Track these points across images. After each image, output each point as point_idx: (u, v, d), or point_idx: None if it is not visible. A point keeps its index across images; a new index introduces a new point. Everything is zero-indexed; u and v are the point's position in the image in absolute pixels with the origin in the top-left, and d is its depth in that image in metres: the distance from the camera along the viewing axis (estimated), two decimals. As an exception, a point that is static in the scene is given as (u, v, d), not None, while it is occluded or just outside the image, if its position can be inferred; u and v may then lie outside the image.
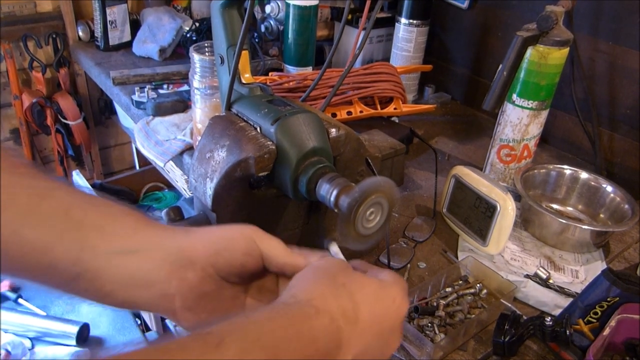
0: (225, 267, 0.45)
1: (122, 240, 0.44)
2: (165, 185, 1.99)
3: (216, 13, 0.70)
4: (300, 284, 0.41)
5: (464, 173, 0.87)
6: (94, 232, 0.43)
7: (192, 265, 0.44)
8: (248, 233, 0.46)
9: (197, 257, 0.45)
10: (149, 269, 0.44)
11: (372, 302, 0.41)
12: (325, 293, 0.39)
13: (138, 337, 1.05)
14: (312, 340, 0.35)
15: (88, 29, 1.56)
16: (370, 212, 0.55)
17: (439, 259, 0.86)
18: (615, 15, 1.06)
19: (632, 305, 0.65)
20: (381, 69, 1.15)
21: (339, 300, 0.39)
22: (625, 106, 1.09)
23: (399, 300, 0.43)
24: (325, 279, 0.41)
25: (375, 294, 0.41)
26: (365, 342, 0.39)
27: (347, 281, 0.41)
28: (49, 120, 1.64)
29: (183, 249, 0.45)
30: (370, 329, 0.40)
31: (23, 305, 1.07)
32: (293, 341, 0.34)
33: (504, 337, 0.66)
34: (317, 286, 0.40)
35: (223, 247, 0.45)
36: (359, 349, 0.39)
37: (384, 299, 0.42)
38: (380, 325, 0.41)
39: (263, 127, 0.63)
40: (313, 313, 0.37)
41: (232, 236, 0.46)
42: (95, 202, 0.45)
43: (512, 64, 0.84)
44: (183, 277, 0.44)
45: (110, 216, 0.44)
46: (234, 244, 0.45)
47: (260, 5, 1.45)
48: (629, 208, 0.89)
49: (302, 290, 0.39)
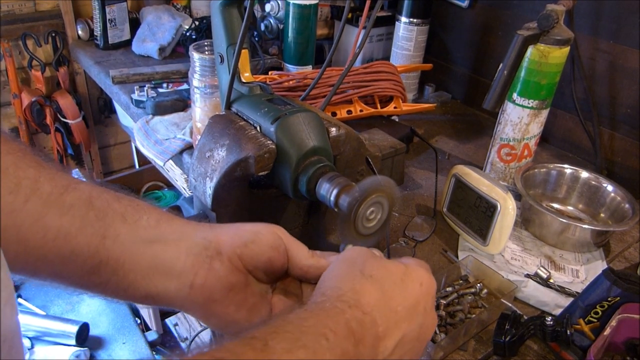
0: (252, 260, 0.45)
1: (146, 230, 0.43)
2: (165, 184, 1.99)
3: (216, 12, 0.70)
4: (328, 282, 0.41)
5: (465, 172, 0.87)
6: (117, 221, 0.42)
7: (218, 255, 0.44)
8: (274, 229, 0.47)
9: (224, 247, 0.44)
10: (174, 257, 0.43)
11: (401, 289, 0.41)
12: (355, 287, 0.39)
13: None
14: (349, 333, 0.35)
15: (87, 27, 1.56)
16: (370, 211, 0.54)
17: (439, 258, 0.86)
18: (616, 15, 1.05)
19: (632, 305, 0.65)
20: (381, 68, 1.15)
21: (368, 292, 0.39)
22: (626, 105, 1.09)
23: (426, 281, 0.43)
24: (352, 273, 0.40)
25: (402, 281, 0.41)
26: (402, 329, 0.39)
27: (374, 272, 0.41)
28: (48, 119, 1.64)
29: (209, 240, 0.45)
30: (404, 315, 0.40)
31: (22, 304, 1.07)
32: (331, 336, 0.34)
33: (504, 337, 0.66)
34: (345, 281, 0.40)
35: (250, 240, 0.45)
36: (397, 337, 0.39)
37: (410, 284, 0.42)
38: (413, 310, 0.41)
39: (263, 126, 0.63)
40: (346, 308, 0.37)
41: (258, 230, 0.46)
42: (118, 195, 0.45)
43: (513, 63, 0.84)
44: (210, 267, 0.43)
45: (133, 207, 0.44)
46: (261, 237, 0.45)
47: (260, 3, 1.45)
48: (630, 207, 0.89)
49: (332, 287, 0.39)
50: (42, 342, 1.01)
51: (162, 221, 0.45)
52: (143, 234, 0.43)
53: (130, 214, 0.43)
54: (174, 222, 0.45)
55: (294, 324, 0.35)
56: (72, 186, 0.42)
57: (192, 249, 0.44)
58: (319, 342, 0.34)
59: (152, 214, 0.45)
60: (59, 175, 0.43)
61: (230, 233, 0.46)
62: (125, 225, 0.42)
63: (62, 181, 0.42)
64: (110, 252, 0.41)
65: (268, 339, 0.32)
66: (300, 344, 0.33)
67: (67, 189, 0.42)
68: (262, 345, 0.32)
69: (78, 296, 1.11)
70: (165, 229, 0.44)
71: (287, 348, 0.32)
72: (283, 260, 0.46)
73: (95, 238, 0.41)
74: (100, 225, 0.42)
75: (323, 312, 0.36)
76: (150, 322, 1.48)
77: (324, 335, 0.34)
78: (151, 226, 0.44)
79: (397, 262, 0.43)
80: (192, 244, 0.44)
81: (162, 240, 0.43)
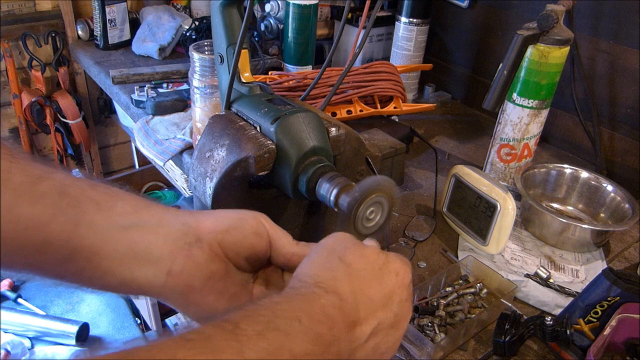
0: (233, 247, 0.44)
1: (122, 217, 0.42)
2: (164, 184, 1.98)
3: (216, 12, 0.70)
4: (306, 268, 0.40)
5: (464, 172, 0.87)
6: (91, 208, 0.41)
7: (198, 242, 0.43)
8: (257, 216, 0.46)
9: (204, 234, 0.43)
10: (152, 243, 0.42)
11: (378, 278, 0.41)
12: (333, 275, 0.39)
13: (138, 334, 1.05)
14: (325, 317, 0.35)
15: (87, 27, 1.56)
16: (370, 211, 0.54)
17: (439, 258, 0.86)
18: (616, 15, 1.06)
19: (632, 304, 0.65)
20: (381, 68, 1.15)
21: (346, 279, 0.39)
22: (626, 106, 1.09)
23: (402, 272, 0.43)
24: (331, 260, 0.40)
25: (380, 269, 0.42)
26: (378, 317, 0.40)
27: (354, 260, 0.41)
28: (48, 119, 1.64)
29: (189, 225, 0.44)
30: (380, 304, 0.40)
31: (22, 304, 1.07)
32: (305, 320, 0.34)
33: (504, 336, 0.66)
34: (323, 269, 0.40)
35: (232, 226, 0.44)
36: (373, 324, 0.39)
37: (388, 274, 0.42)
38: (389, 299, 0.41)
39: (263, 126, 0.63)
40: (323, 293, 0.37)
41: (241, 216, 0.46)
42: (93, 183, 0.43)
43: (513, 63, 0.84)
44: (189, 253, 0.42)
45: (108, 194, 0.43)
46: (244, 223, 0.45)
47: (260, 4, 1.45)
48: (630, 207, 0.89)
49: (309, 274, 0.39)
50: (42, 342, 1.01)
51: (140, 207, 0.43)
52: (119, 221, 0.42)
53: (105, 201, 0.42)
54: (152, 208, 0.44)
55: (268, 308, 0.34)
56: (45, 176, 0.41)
57: (171, 235, 0.43)
58: (292, 325, 0.33)
59: (128, 200, 0.43)
60: (32, 165, 0.41)
61: (211, 219, 0.45)
62: (99, 212, 0.41)
63: (35, 171, 0.41)
64: (84, 239, 0.40)
65: (239, 322, 0.32)
66: (273, 326, 0.32)
67: (39, 178, 0.41)
68: (233, 327, 0.31)
69: (78, 296, 1.10)
70: (143, 215, 0.43)
71: (258, 330, 0.32)
72: (266, 247, 0.45)
73: (68, 226, 0.40)
74: (74, 213, 0.40)
75: (298, 296, 0.36)
76: (150, 322, 1.48)
77: (297, 319, 0.34)
78: (127, 212, 0.42)
79: (378, 251, 0.43)
80: (171, 230, 0.43)
81: (139, 226, 0.42)
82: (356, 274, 0.40)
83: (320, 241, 0.44)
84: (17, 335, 1.00)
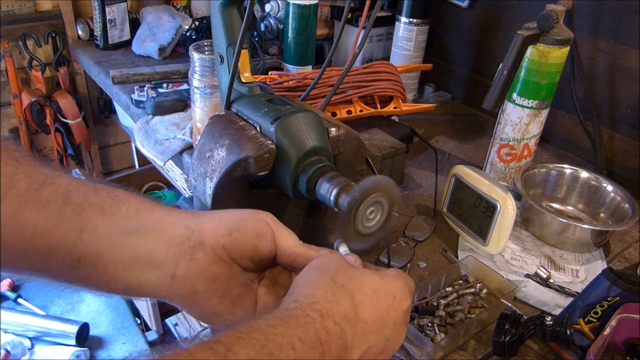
0: (236, 248, 0.44)
1: (125, 221, 0.42)
2: (165, 184, 1.99)
3: (216, 12, 0.70)
4: (300, 288, 0.40)
5: (464, 172, 0.87)
6: (95, 214, 0.41)
7: (201, 245, 0.43)
8: (261, 216, 0.46)
9: (207, 237, 0.43)
10: (155, 248, 0.42)
11: (372, 300, 0.41)
12: (327, 296, 0.39)
13: (139, 336, 1.05)
14: (318, 343, 0.35)
15: (87, 27, 1.56)
16: (370, 211, 0.54)
17: (439, 258, 0.86)
18: (616, 15, 1.05)
19: (632, 304, 0.65)
20: (381, 68, 1.15)
21: (340, 302, 0.39)
22: (626, 106, 1.09)
23: (399, 295, 0.42)
24: (325, 281, 0.40)
25: (374, 292, 0.41)
26: (368, 341, 0.39)
27: (347, 281, 0.41)
28: (48, 119, 1.64)
29: (192, 229, 0.43)
30: (372, 327, 0.40)
31: (22, 304, 1.07)
32: (299, 347, 0.34)
33: (504, 336, 0.66)
34: (317, 289, 0.39)
35: (235, 227, 0.44)
36: (364, 348, 0.39)
37: (383, 296, 0.41)
38: (381, 322, 0.41)
39: (263, 126, 0.63)
40: (317, 317, 0.37)
41: (244, 217, 0.45)
42: (97, 187, 0.44)
43: (513, 63, 0.84)
44: (192, 257, 0.42)
45: (112, 199, 0.43)
46: (247, 224, 0.44)
47: (260, 4, 1.45)
48: (629, 207, 0.89)
49: (304, 294, 0.39)
50: (42, 342, 1.01)
51: (143, 211, 0.43)
52: (122, 226, 0.42)
53: (109, 206, 0.42)
54: (155, 211, 0.44)
55: (262, 330, 0.34)
56: (49, 181, 0.41)
57: (174, 239, 0.43)
58: (285, 351, 0.33)
59: (132, 203, 0.44)
60: (36, 170, 0.42)
61: (214, 221, 0.45)
62: (103, 217, 0.41)
63: (39, 176, 0.41)
64: (89, 246, 0.40)
65: (232, 344, 0.32)
66: (266, 352, 0.32)
67: (43, 184, 0.41)
68: (225, 351, 0.31)
69: (78, 296, 1.11)
70: (146, 219, 0.43)
71: (251, 355, 0.32)
72: (270, 247, 0.45)
73: (72, 233, 0.40)
74: (78, 219, 0.41)
75: (293, 319, 0.36)
76: (150, 322, 1.48)
77: (291, 345, 0.34)
78: (131, 217, 0.43)
79: (370, 273, 0.43)
80: (174, 233, 0.43)
81: (142, 230, 0.42)
82: (349, 296, 0.40)
83: (310, 262, 0.44)
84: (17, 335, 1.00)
